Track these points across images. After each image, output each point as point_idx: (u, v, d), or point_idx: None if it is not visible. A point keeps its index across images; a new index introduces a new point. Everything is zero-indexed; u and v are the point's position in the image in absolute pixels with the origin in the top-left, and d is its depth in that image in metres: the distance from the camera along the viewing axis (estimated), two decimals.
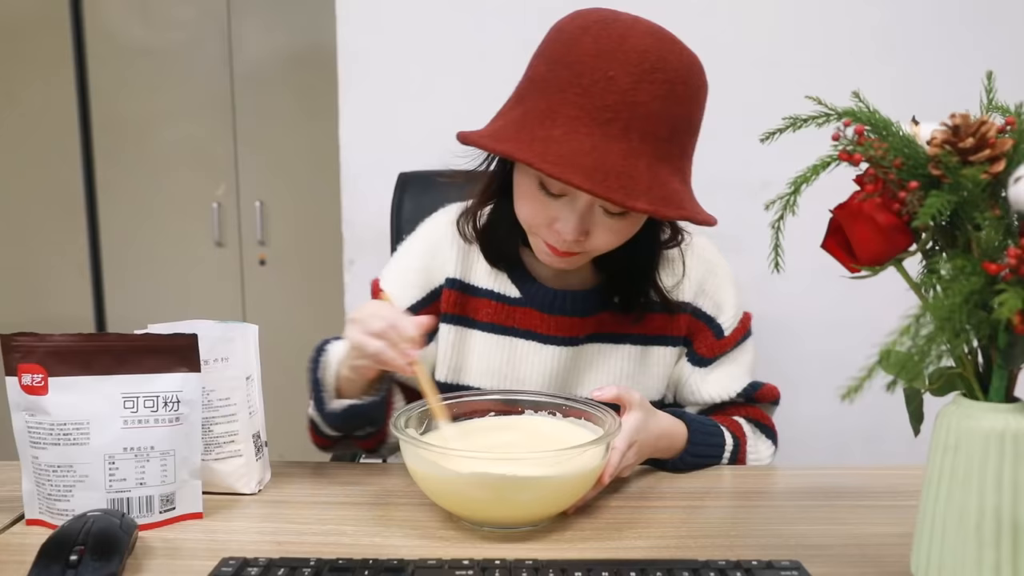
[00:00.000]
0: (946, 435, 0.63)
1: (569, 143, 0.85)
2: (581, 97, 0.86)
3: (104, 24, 2.60)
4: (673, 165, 0.91)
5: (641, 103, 0.86)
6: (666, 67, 0.88)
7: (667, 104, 0.88)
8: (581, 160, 0.84)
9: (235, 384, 0.92)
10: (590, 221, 0.94)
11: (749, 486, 0.97)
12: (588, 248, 0.96)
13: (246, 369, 0.93)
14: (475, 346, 1.09)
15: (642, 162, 0.86)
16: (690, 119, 0.93)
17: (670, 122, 0.89)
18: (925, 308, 0.58)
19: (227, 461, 0.91)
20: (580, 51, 0.87)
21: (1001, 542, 0.60)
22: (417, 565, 0.72)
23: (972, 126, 0.60)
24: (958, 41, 1.79)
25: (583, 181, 0.83)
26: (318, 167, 2.51)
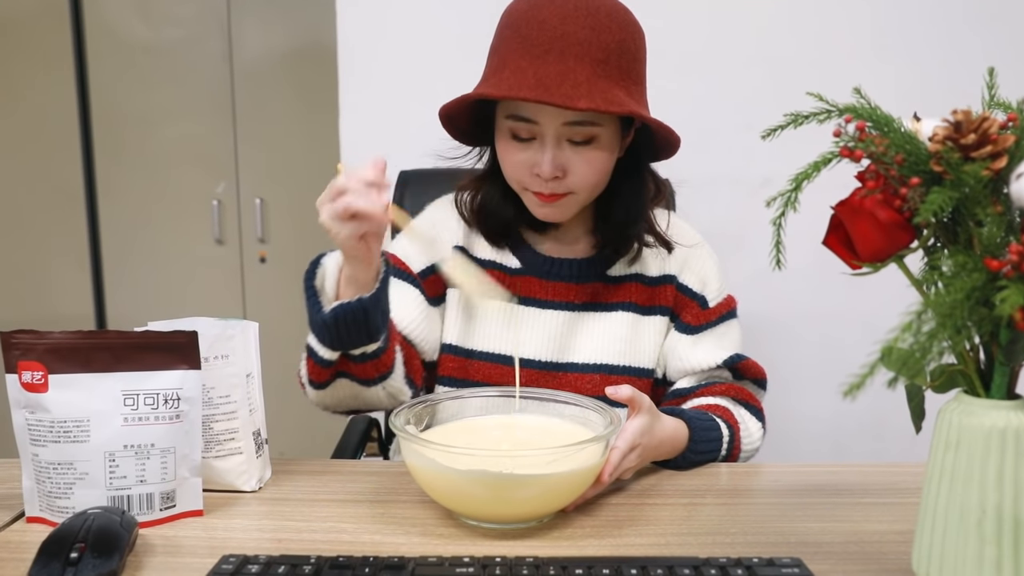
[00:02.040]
0: (947, 432, 0.63)
1: (514, 75, 0.99)
2: (521, 43, 1.00)
3: (104, 21, 2.60)
4: (614, 81, 1.00)
5: (570, 33, 0.98)
6: (588, 4, 1.00)
7: (595, 33, 0.99)
8: (525, 82, 0.97)
9: (235, 381, 0.91)
10: (562, 156, 1.03)
11: (750, 483, 0.97)
12: (570, 186, 1.05)
13: (246, 367, 0.93)
14: (480, 312, 1.15)
15: (581, 75, 0.97)
16: (622, 44, 1.01)
17: (601, 47, 0.99)
18: (927, 305, 0.58)
19: (227, 459, 0.91)
20: (516, 12, 1.03)
21: (1002, 539, 0.60)
22: (417, 563, 0.72)
23: (974, 122, 0.60)
24: (960, 37, 1.79)
25: (528, 93, 0.96)
26: (318, 164, 2.50)
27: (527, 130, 1.03)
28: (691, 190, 1.60)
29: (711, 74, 1.82)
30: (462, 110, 1.07)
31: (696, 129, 1.84)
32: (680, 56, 1.81)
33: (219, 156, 2.65)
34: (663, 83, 1.87)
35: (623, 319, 1.15)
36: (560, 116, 1.00)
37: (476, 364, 1.13)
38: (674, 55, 1.82)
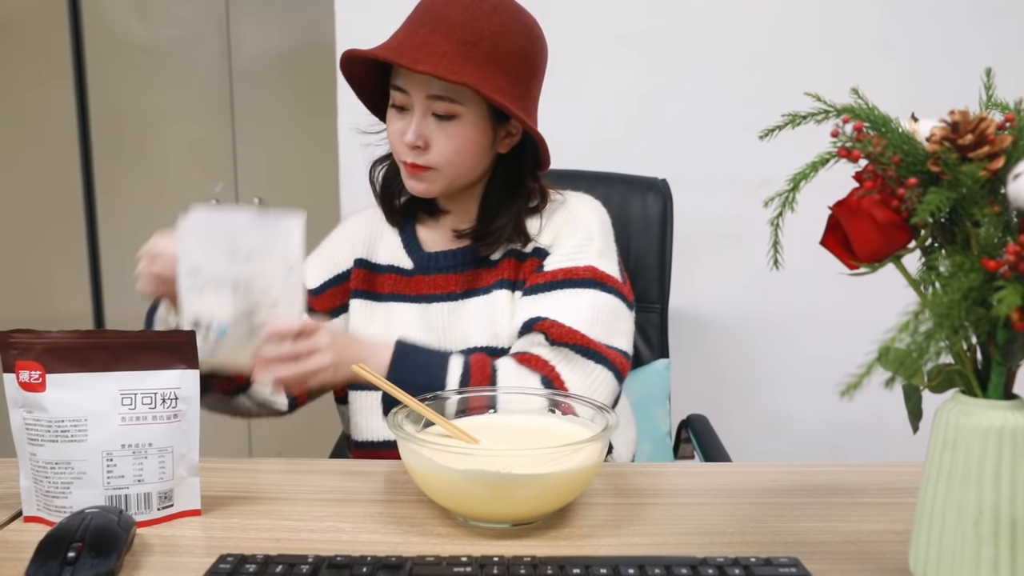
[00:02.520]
0: (945, 432, 0.63)
1: (389, 41, 1.08)
2: (408, 18, 1.10)
3: (103, 21, 2.60)
4: (476, 62, 1.04)
5: (448, 15, 1.05)
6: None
7: (472, 19, 1.05)
8: (387, 46, 1.07)
9: (276, 277, 0.94)
10: (426, 127, 1.09)
11: (747, 483, 0.97)
12: (431, 160, 1.10)
13: (288, 260, 0.95)
14: (380, 316, 1.20)
15: (441, 48, 1.03)
16: (501, 37, 1.06)
17: (474, 30, 1.04)
18: (924, 305, 0.58)
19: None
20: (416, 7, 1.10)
21: (999, 539, 0.60)
22: (415, 562, 0.72)
23: (971, 123, 0.60)
24: (957, 38, 1.79)
25: (383, 52, 1.05)
26: (317, 165, 2.50)
27: (401, 99, 1.10)
28: (688, 189, 1.60)
29: (709, 73, 1.82)
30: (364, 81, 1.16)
31: (694, 128, 1.85)
32: (678, 55, 1.82)
33: (217, 156, 2.64)
34: (660, 82, 1.88)
35: (501, 298, 1.16)
36: (424, 88, 1.07)
37: None
38: (672, 54, 1.83)
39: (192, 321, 0.94)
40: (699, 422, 1.49)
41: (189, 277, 0.94)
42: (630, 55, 1.81)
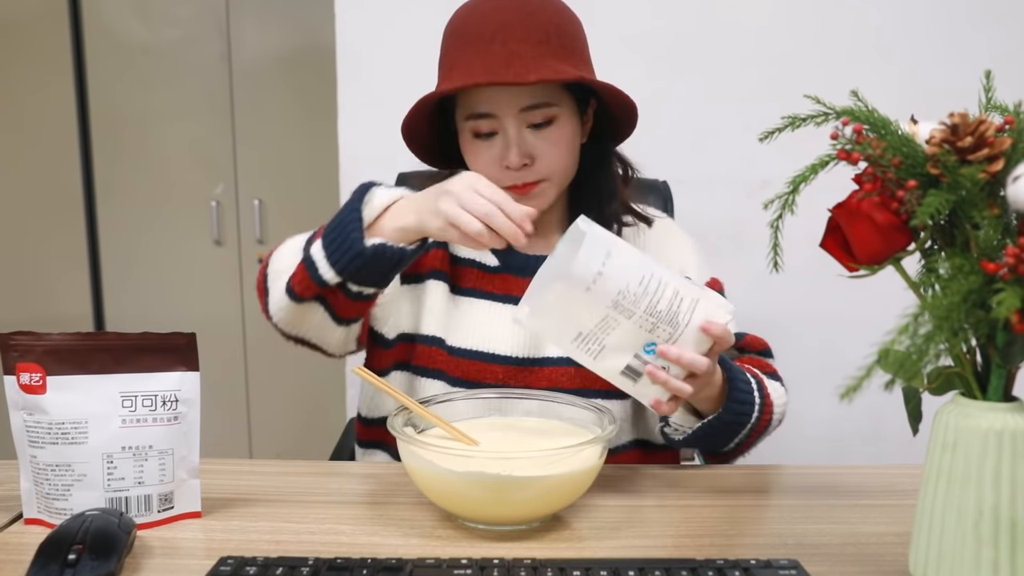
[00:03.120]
0: (944, 434, 0.63)
1: (463, 69, 1.01)
2: (464, 40, 1.03)
3: (103, 22, 2.60)
4: (559, 58, 1.01)
5: (509, 21, 1.01)
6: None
7: (531, 16, 1.01)
8: (472, 71, 1.00)
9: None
10: (527, 143, 1.04)
11: (747, 485, 0.97)
12: (541, 172, 1.06)
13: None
14: (458, 308, 1.13)
15: (527, 55, 0.99)
16: (560, 26, 1.03)
17: (540, 28, 1.01)
18: (923, 307, 0.58)
19: None
20: (456, 16, 1.06)
21: (999, 541, 0.60)
22: (415, 564, 0.72)
23: (971, 125, 0.60)
24: (957, 40, 1.79)
25: (479, 77, 0.99)
26: (317, 166, 2.51)
27: (487, 124, 1.04)
28: (689, 191, 1.60)
29: (710, 74, 1.82)
30: (425, 124, 1.08)
31: (694, 129, 1.85)
32: (679, 56, 1.82)
33: (218, 157, 2.64)
34: (661, 84, 1.88)
35: None
36: (516, 102, 1.02)
37: (460, 360, 1.12)
38: (673, 55, 1.83)
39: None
40: None
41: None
42: (631, 57, 1.81)
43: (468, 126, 1.06)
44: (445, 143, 1.13)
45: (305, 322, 1.02)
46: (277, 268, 1.02)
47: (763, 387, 1.02)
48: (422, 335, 1.13)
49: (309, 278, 0.96)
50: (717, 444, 1.01)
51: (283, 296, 1.00)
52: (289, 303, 1.00)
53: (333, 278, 0.95)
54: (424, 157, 1.15)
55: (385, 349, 1.15)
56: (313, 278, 0.96)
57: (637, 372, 0.85)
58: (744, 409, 0.97)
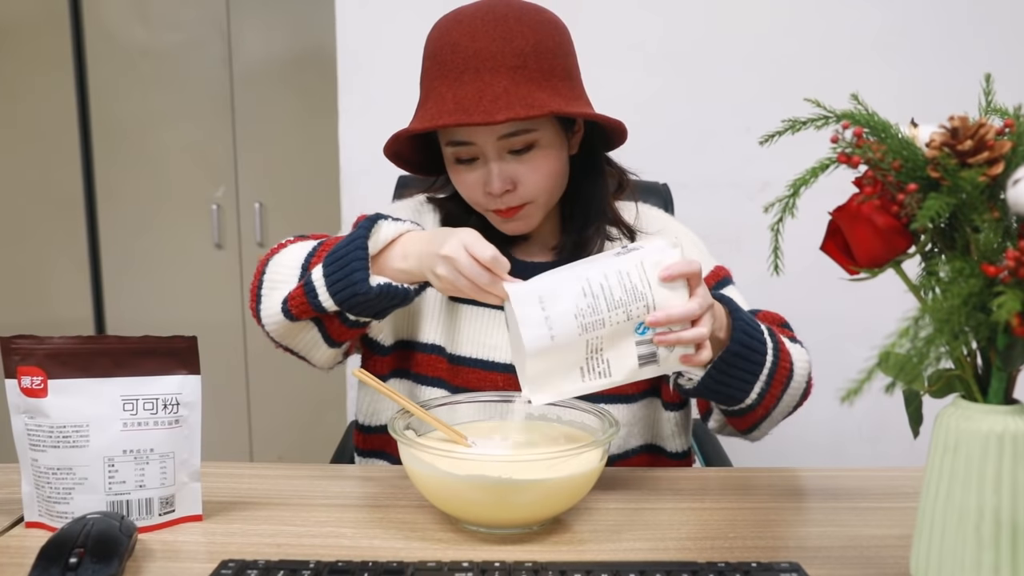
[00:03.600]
0: (945, 437, 0.63)
1: (436, 104, 0.99)
2: (439, 69, 1.00)
3: (104, 25, 2.60)
4: (535, 84, 0.99)
5: (482, 48, 0.98)
6: (495, 15, 1.00)
7: (506, 42, 0.98)
8: (445, 108, 0.98)
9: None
10: (508, 169, 1.02)
11: (748, 488, 0.97)
12: (524, 196, 1.04)
13: None
14: (457, 316, 1.12)
15: (499, 87, 0.97)
16: (538, 46, 1.00)
17: (514, 53, 0.98)
18: (924, 310, 0.58)
19: None
20: (431, 41, 1.04)
21: (1000, 543, 0.60)
22: (416, 567, 0.72)
23: (971, 128, 0.60)
24: (957, 44, 1.79)
25: (447, 118, 0.96)
26: (318, 169, 2.51)
27: (467, 151, 1.02)
28: (689, 193, 1.60)
29: (710, 78, 1.82)
30: (404, 146, 1.08)
31: (695, 132, 1.85)
32: (679, 58, 1.82)
33: (218, 160, 2.65)
34: (661, 86, 1.88)
35: None
36: (493, 132, 1.00)
37: (461, 369, 1.11)
38: (674, 58, 1.83)
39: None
40: (700, 427, 1.49)
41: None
42: (632, 60, 1.81)
43: (450, 151, 1.04)
44: (433, 153, 1.12)
45: (296, 338, 1.02)
46: (274, 278, 1.01)
47: (776, 335, 0.99)
48: (421, 343, 1.13)
49: (307, 302, 0.96)
50: (734, 390, 0.96)
51: (278, 311, 0.99)
52: (283, 319, 0.99)
53: (332, 307, 0.95)
54: (413, 171, 1.15)
55: (382, 356, 1.14)
56: (311, 303, 0.96)
57: (651, 354, 0.84)
58: (753, 344, 0.94)
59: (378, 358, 1.14)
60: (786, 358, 0.99)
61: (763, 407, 0.99)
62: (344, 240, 0.96)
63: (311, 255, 0.98)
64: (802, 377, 1.02)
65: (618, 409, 1.09)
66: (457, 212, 1.14)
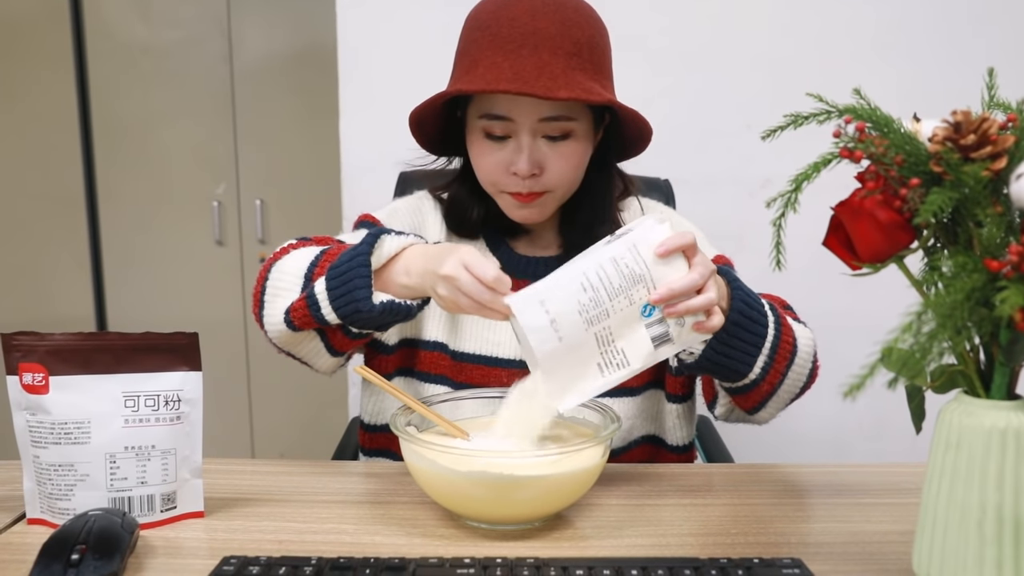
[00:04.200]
0: (948, 432, 0.63)
1: (490, 70, 0.98)
2: (493, 40, 0.99)
3: (104, 22, 2.60)
4: (587, 73, 1.00)
5: (542, 28, 0.98)
6: (556, 1, 1.01)
7: (566, 27, 0.99)
8: (502, 75, 0.97)
9: None
10: (539, 152, 1.02)
11: (750, 484, 0.97)
12: (547, 183, 1.04)
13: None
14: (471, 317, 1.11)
15: (557, 68, 0.97)
16: (592, 40, 1.02)
17: (572, 40, 0.99)
18: (927, 305, 0.58)
19: None
20: (484, 12, 1.03)
21: (1003, 539, 0.60)
22: (418, 564, 0.72)
23: (973, 123, 0.60)
24: (960, 38, 1.79)
25: (508, 85, 0.95)
26: (319, 165, 2.51)
27: (502, 127, 1.02)
28: (691, 190, 1.60)
29: (712, 73, 1.82)
30: (433, 113, 1.07)
31: (697, 129, 1.85)
32: (682, 55, 1.82)
33: (219, 157, 2.65)
34: (663, 83, 1.88)
35: None
36: (536, 111, 1.00)
37: (464, 365, 1.11)
38: (676, 54, 1.83)
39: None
40: (702, 423, 1.49)
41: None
42: (633, 57, 1.81)
43: (481, 124, 1.03)
44: (449, 132, 1.11)
45: (299, 346, 1.02)
46: (277, 285, 1.00)
47: (777, 311, 0.98)
48: (424, 340, 1.13)
49: (310, 315, 0.95)
50: (736, 363, 0.94)
51: (280, 320, 0.98)
52: (286, 329, 0.98)
53: (335, 320, 0.95)
54: (426, 145, 1.14)
55: (386, 355, 1.14)
56: (314, 316, 0.95)
57: (663, 334, 0.84)
58: (753, 315, 0.93)
59: (382, 357, 1.14)
60: (788, 332, 0.98)
61: (768, 383, 0.98)
62: (347, 254, 0.94)
63: (314, 265, 0.97)
64: (807, 355, 1.01)
65: (622, 402, 1.09)
66: (463, 196, 1.13)
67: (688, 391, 1.15)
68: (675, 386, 1.12)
